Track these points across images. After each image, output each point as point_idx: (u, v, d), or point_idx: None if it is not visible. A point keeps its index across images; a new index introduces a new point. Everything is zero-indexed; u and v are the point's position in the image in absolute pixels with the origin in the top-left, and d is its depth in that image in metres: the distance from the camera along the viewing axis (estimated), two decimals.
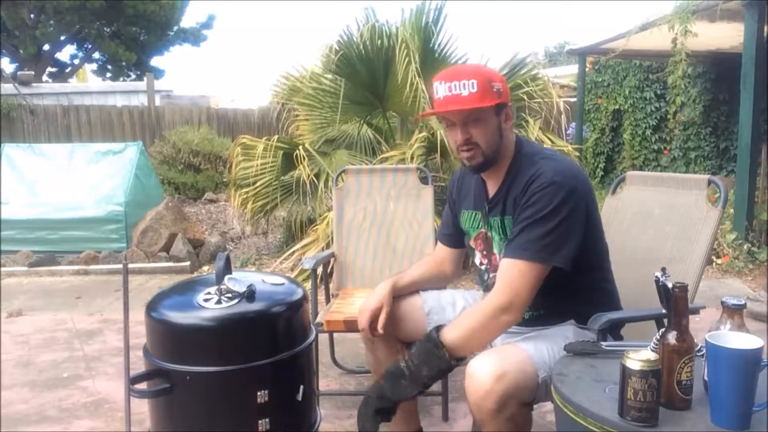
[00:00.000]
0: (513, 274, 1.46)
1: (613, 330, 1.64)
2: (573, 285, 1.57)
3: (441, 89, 1.54)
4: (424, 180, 2.77)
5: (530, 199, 1.49)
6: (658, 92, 8.59)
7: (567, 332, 1.58)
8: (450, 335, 1.48)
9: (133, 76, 17.44)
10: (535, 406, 2.41)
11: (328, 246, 4.08)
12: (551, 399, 1.30)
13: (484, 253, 1.71)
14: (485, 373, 1.37)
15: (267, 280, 1.82)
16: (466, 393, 1.43)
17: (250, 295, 1.67)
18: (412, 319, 1.75)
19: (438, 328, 1.51)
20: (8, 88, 9.53)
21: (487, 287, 1.72)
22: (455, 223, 1.83)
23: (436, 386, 2.39)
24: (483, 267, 1.73)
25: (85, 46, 17.21)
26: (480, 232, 1.70)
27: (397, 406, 1.53)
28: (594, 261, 1.63)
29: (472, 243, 1.74)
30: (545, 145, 4.72)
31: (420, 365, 1.48)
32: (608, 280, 1.69)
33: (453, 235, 1.86)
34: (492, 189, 1.65)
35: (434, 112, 1.59)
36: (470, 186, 1.76)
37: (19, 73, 12.01)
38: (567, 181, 1.49)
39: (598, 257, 1.65)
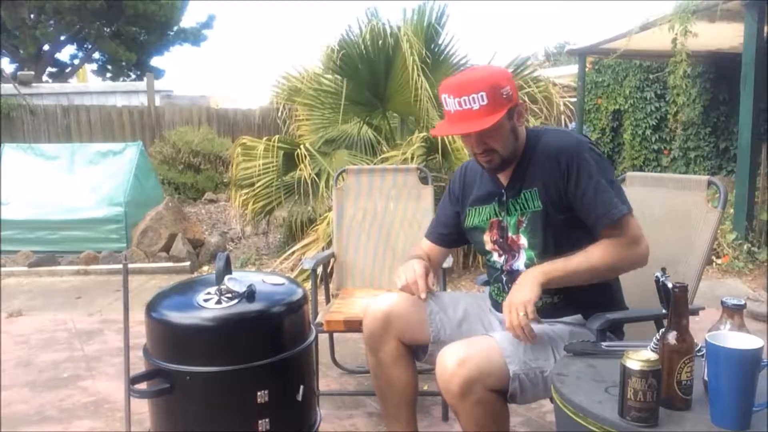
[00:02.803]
0: (621, 230, 1.53)
1: (615, 328, 1.65)
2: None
3: (451, 103, 1.55)
4: (424, 180, 2.77)
5: (571, 168, 1.55)
6: (658, 92, 8.59)
7: (561, 333, 1.59)
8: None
9: (133, 76, 17.45)
10: (534, 406, 2.42)
11: (328, 246, 4.08)
12: (551, 399, 1.30)
13: (500, 240, 1.70)
14: (450, 358, 1.46)
15: (267, 280, 1.82)
16: (436, 377, 1.51)
17: (250, 295, 1.67)
18: (414, 320, 1.75)
19: None
20: (8, 88, 9.53)
21: (497, 280, 1.73)
22: (455, 222, 1.83)
23: (436, 386, 2.40)
24: (501, 259, 1.71)
25: (85, 46, 17.22)
26: (492, 221, 1.71)
27: None
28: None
29: (485, 236, 1.74)
30: None
31: None
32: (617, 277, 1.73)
33: (450, 235, 1.87)
34: (505, 178, 1.68)
35: (447, 132, 1.63)
36: (474, 181, 1.78)
37: (19, 73, 12.02)
38: (587, 141, 1.62)
39: None
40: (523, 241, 1.64)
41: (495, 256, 1.73)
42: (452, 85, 1.57)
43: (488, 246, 1.73)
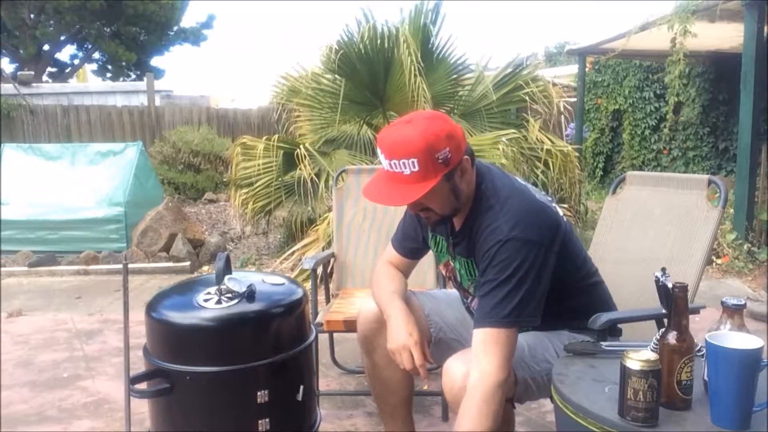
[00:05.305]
0: (489, 344, 1.39)
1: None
2: (567, 307, 1.56)
3: (383, 160, 1.43)
4: None
5: (487, 255, 1.44)
6: (658, 92, 8.60)
7: (561, 334, 1.58)
8: None
9: (133, 76, 17.45)
10: (534, 406, 2.42)
11: (328, 246, 4.08)
12: (551, 399, 1.30)
13: (454, 282, 1.68)
14: (458, 371, 1.41)
15: (267, 280, 1.82)
16: (443, 390, 1.46)
17: (250, 295, 1.67)
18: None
19: None
20: (8, 88, 9.52)
21: (468, 310, 1.73)
22: (422, 236, 1.73)
23: (436, 386, 2.40)
24: (462, 296, 1.73)
25: (85, 46, 17.22)
26: (447, 260, 1.66)
27: None
28: (584, 281, 1.62)
29: (441, 268, 1.72)
30: (545, 146, 4.74)
31: None
32: (600, 292, 1.66)
33: (417, 248, 1.77)
34: (457, 223, 1.58)
35: (377, 200, 1.47)
36: None
37: (19, 73, 12.01)
38: (525, 234, 1.41)
39: (587, 276, 1.63)
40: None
41: (454, 288, 1.72)
42: (385, 141, 1.43)
43: (445, 276, 1.72)
